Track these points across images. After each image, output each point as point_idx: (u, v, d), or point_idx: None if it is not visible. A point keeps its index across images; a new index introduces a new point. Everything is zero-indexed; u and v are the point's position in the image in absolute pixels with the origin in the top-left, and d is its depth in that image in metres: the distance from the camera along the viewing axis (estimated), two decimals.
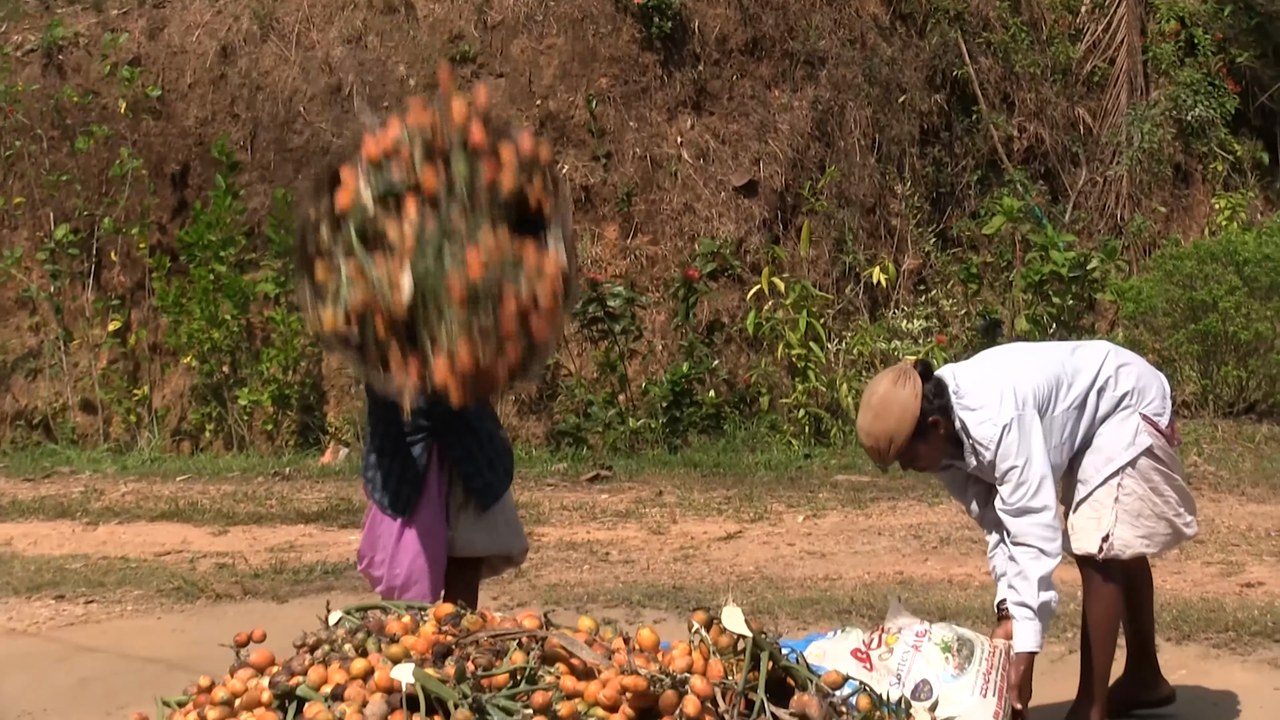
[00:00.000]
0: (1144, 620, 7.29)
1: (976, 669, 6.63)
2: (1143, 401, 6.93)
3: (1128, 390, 6.93)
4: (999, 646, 6.66)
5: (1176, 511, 6.94)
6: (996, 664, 6.65)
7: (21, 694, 8.45)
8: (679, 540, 11.28)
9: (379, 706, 5.81)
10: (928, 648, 6.65)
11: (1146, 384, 6.98)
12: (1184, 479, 7.07)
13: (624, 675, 5.81)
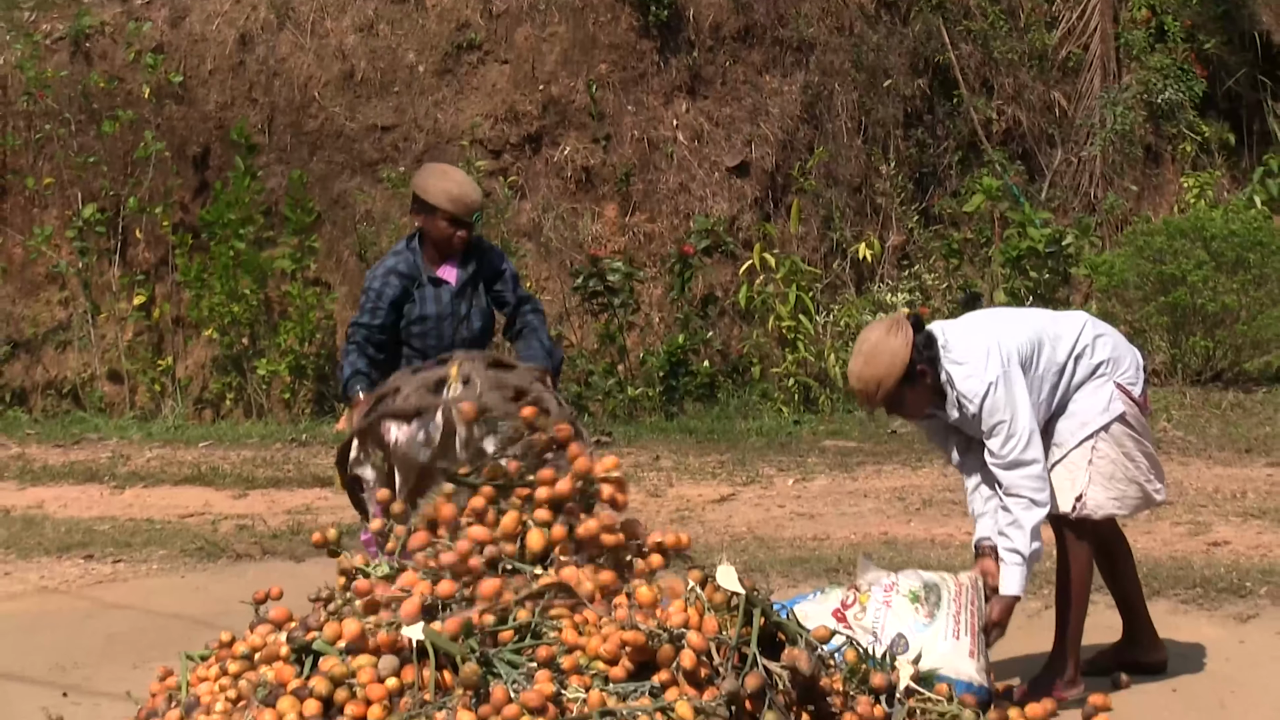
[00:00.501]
0: (1127, 584, 7.28)
1: (946, 612, 6.64)
2: (1117, 370, 6.94)
3: (1104, 359, 6.93)
4: (964, 584, 6.68)
5: (1147, 477, 6.95)
6: (964, 603, 6.66)
7: (53, 648, 8.45)
8: (675, 502, 11.28)
9: (390, 661, 5.81)
10: (897, 601, 6.65)
11: (1121, 354, 6.99)
12: (1154, 447, 7.07)
13: (624, 630, 5.81)
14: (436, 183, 7.81)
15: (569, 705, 5.60)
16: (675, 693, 5.65)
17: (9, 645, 8.54)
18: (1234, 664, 7.41)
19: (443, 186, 7.80)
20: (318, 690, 5.78)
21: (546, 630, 5.97)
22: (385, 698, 5.73)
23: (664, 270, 15.00)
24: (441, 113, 15.67)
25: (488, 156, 15.43)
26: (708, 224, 15.06)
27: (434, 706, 5.67)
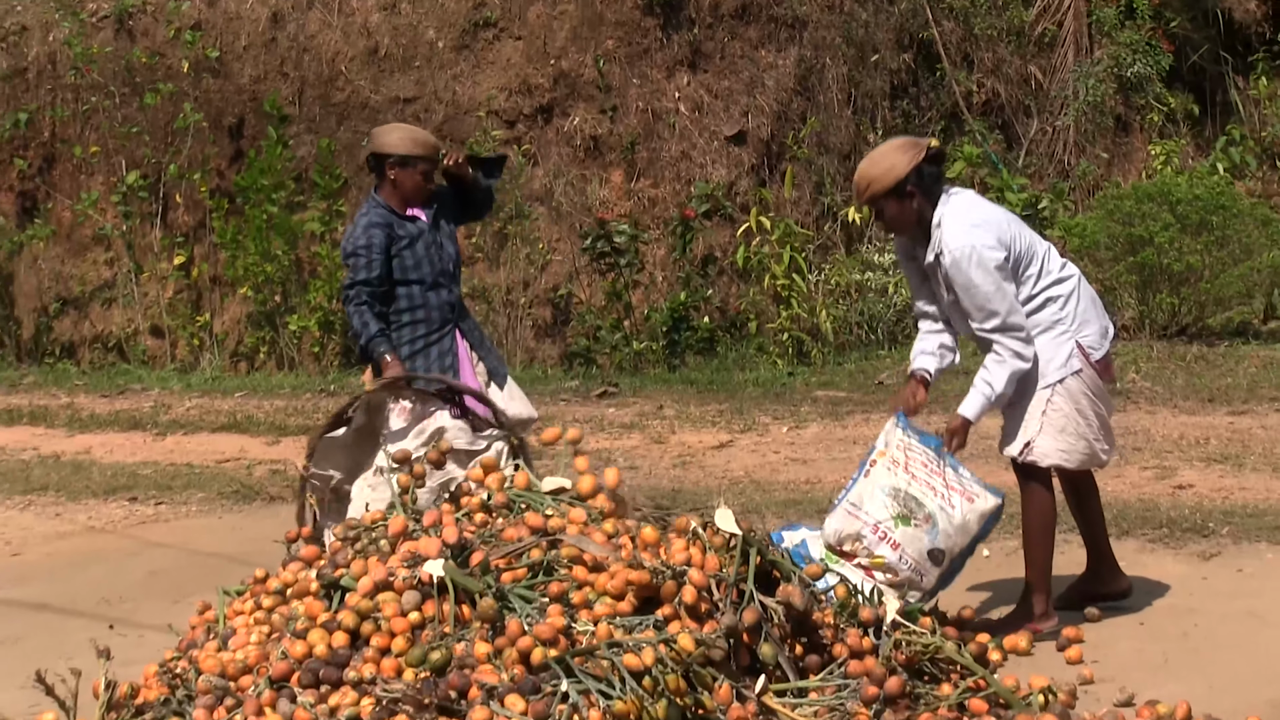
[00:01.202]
0: (1093, 523, 7.27)
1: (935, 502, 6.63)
2: (1081, 331, 6.90)
3: (1069, 315, 6.91)
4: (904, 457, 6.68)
5: (1097, 436, 6.93)
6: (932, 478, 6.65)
7: (100, 583, 8.47)
8: (677, 449, 11.27)
9: (413, 596, 5.80)
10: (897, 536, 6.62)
11: (1089, 318, 6.95)
12: (1109, 413, 7.03)
13: (629, 568, 5.81)
14: (401, 137, 7.88)
15: (579, 637, 5.60)
16: (678, 626, 5.65)
17: (60, 581, 8.56)
18: (1197, 598, 7.42)
19: (408, 138, 7.89)
20: (345, 623, 5.79)
21: (558, 568, 5.97)
22: (408, 630, 5.73)
23: (667, 232, 14.98)
24: (459, 85, 15.62)
25: (503, 126, 15.39)
26: (708, 189, 15.04)
27: (453, 638, 5.67)
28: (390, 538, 6.21)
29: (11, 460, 11.59)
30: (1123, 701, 6.11)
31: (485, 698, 5.39)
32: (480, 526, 6.28)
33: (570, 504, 6.42)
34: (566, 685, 5.36)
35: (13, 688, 6.62)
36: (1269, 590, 7.50)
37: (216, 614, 6.47)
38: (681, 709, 5.36)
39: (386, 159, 7.82)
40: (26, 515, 10.04)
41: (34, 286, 16.41)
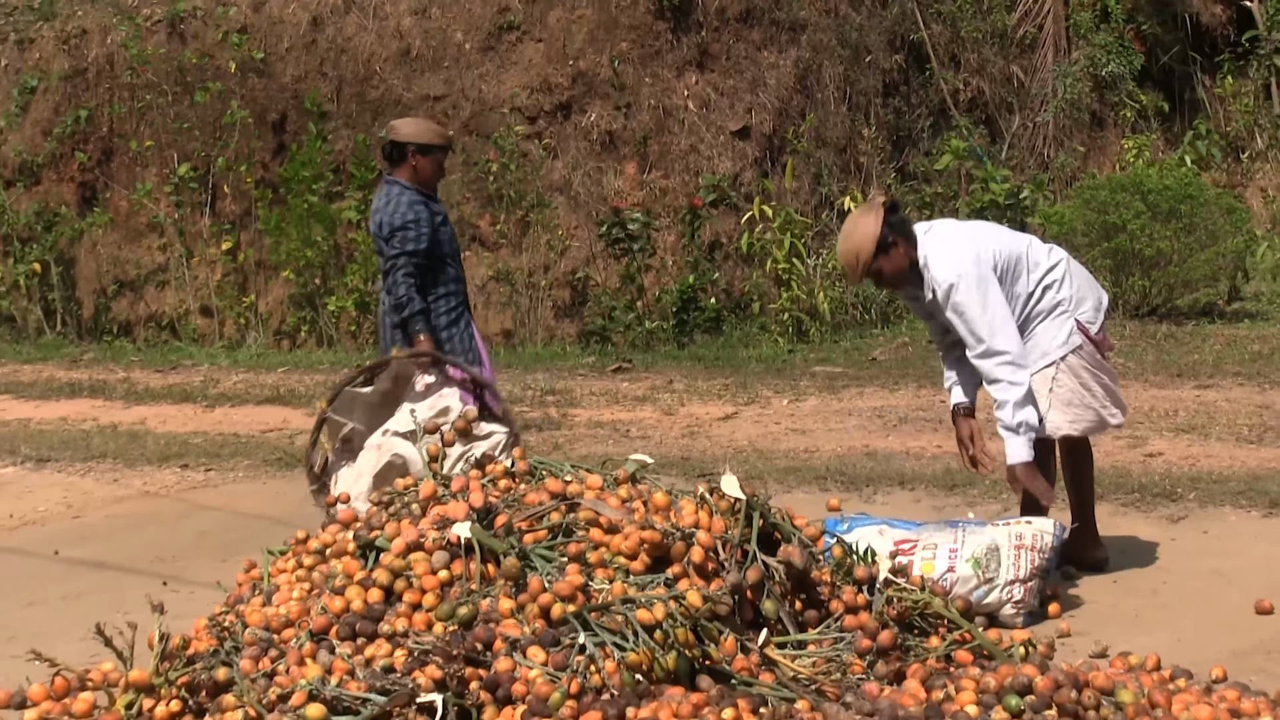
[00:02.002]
0: (1083, 491, 7.26)
1: (1004, 578, 6.56)
2: (1079, 309, 6.90)
3: (1067, 296, 6.90)
4: (1024, 544, 6.58)
5: (1103, 404, 6.93)
6: (1023, 559, 6.58)
7: (154, 543, 8.48)
8: (686, 420, 11.26)
9: (442, 556, 5.81)
10: (960, 566, 6.56)
11: (1085, 295, 6.95)
12: (1113, 380, 7.03)
13: (642, 530, 5.80)
14: (423, 128, 8.00)
15: (595, 594, 5.60)
16: (686, 583, 5.65)
17: (118, 541, 8.58)
18: (1166, 558, 7.41)
19: (428, 128, 8.01)
20: (380, 580, 5.79)
21: (576, 530, 5.97)
22: (437, 587, 5.73)
23: (677, 220, 14.97)
24: (485, 84, 15.60)
25: (525, 122, 15.37)
26: (714, 180, 15.01)
27: (479, 595, 5.68)
28: (421, 502, 6.21)
29: (73, 430, 11.60)
30: (1097, 653, 6.10)
31: (509, 649, 5.39)
32: (504, 492, 6.28)
33: (587, 471, 6.42)
34: (584, 638, 5.36)
35: (74, 639, 6.63)
36: (1232, 550, 7.49)
37: (261, 572, 6.48)
38: (690, 660, 5.36)
39: (408, 146, 7.85)
40: (87, 480, 10.05)
41: (94, 270, 16.43)
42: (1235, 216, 14.38)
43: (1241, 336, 13.07)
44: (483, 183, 15.14)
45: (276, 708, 5.30)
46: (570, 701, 5.17)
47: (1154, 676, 5.59)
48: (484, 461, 6.55)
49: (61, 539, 8.66)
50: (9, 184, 16.53)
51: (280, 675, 5.54)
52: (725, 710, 5.08)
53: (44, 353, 15.33)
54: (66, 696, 5.99)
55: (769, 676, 5.48)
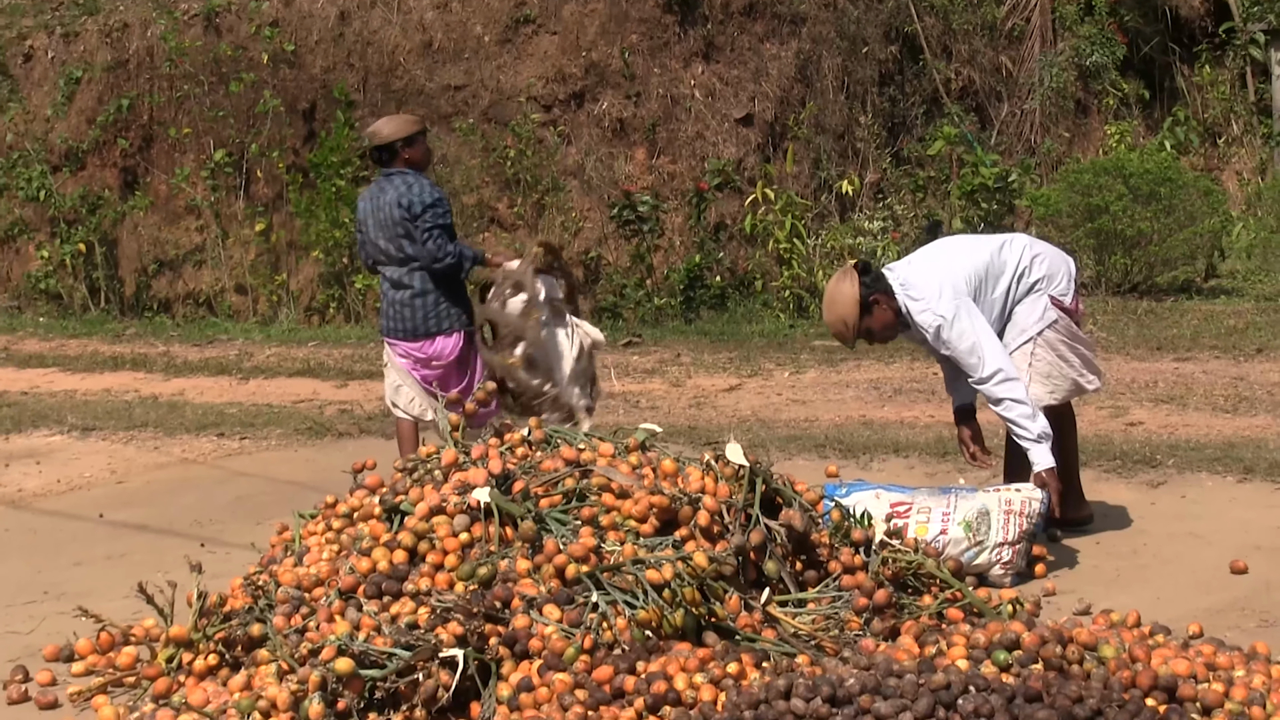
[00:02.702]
0: (1068, 453, 7.27)
1: (994, 540, 6.56)
2: (1051, 285, 6.92)
3: (1040, 276, 6.92)
4: (1012, 509, 6.58)
5: (1080, 372, 6.97)
6: (1012, 523, 6.57)
7: (192, 507, 8.50)
8: (693, 391, 11.26)
9: (463, 519, 5.81)
10: (953, 529, 6.56)
11: (1055, 270, 6.96)
12: (1088, 347, 7.04)
13: (651, 495, 5.81)
14: (399, 123, 8.02)
15: (607, 555, 5.61)
16: (693, 545, 5.66)
17: (158, 505, 8.60)
18: (1146, 521, 7.41)
19: (404, 121, 8.05)
20: (404, 542, 5.80)
21: (589, 495, 5.97)
22: (459, 549, 5.75)
23: (684, 203, 14.95)
24: (503, 74, 15.57)
25: (540, 110, 15.34)
26: (719, 165, 14.99)
27: (498, 556, 5.69)
28: (443, 468, 6.21)
29: (116, 401, 11.61)
30: (1081, 610, 6.12)
31: (526, 607, 5.40)
32: (521, 459, 6.29)
33: (600, 440, 6.42)
34: (596, 596, 5.37)
35: (118, 597, 6.65)
36: (1208, 514, 7.50)
37: (293, 534, 6.49)
38: (697, 617, 5.37)
39: (395, 144, 7.87)
40: (129, 448, 10.07)
41: (135, 250, 16.42)
42: (1212, 198, 14.36)
43: (1218, 312, 13.05)
44: (501, 167, 15.11)
45: (308, 661, 5.32)
46: (584, 656, 5.18)
47: (1134, 632, 5.60)
48: (502, 430, 6.55)
49: (106, 503, 8.68)
50: (56, 169, 16.52)
51: (311, 631, 5.56)
52: (730, 664, 5.09)
53: (89, 328, 15.34)
54: (111, 650, 6.02)
55: (771, 633, 5.49)
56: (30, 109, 16.93)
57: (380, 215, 7.87)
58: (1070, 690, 4.68)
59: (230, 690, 5.48)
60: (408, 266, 7.85)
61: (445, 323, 7.86)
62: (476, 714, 5.14)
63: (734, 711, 4.74)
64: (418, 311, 7.84)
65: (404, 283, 7.86)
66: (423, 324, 7.85)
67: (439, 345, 7.86)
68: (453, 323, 7.87)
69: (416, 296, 7.84)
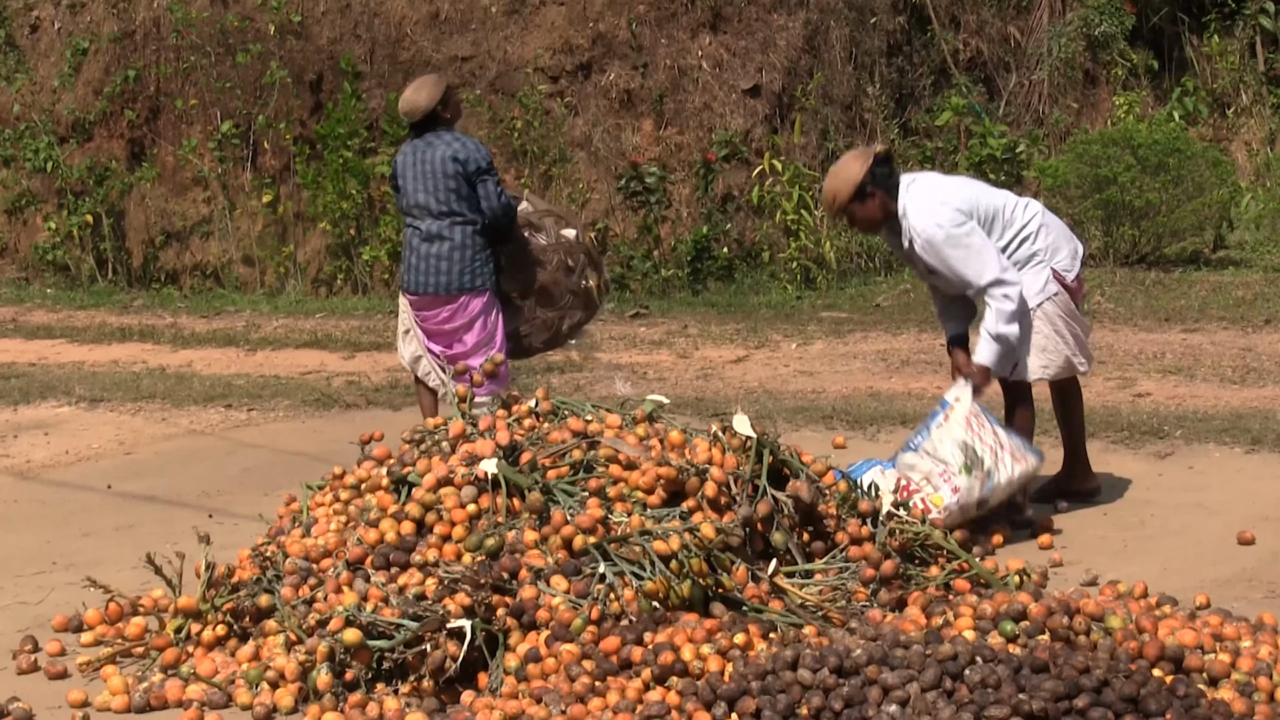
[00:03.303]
0: (1074, 427, 7.28)
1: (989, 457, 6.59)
2: (1054, 258, 6.90)
3: (1043, 247, 6.90)
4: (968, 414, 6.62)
5: (1073, 351, 6.94)
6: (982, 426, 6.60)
7: (200, 478, 8.52)
8: (700, 363, 11.26)
9: (470, 491, 5.81)
10: (958, 481, 6.57)
11: (1060, 244, 6.94)
12: (1084, 329, 7.02)
13: (659, 466, 5.81)
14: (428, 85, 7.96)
15: (614, 526, 5.62)
16: (700, 517, 5.67)
17: (167, 476, 8.62)
18: (1153, 492, 7.42)
19: (433, 82, 8.00)
20: (411, 514, 5.81)
21: (596, 466, 5.97)
22: (466, 520, 5.75)
23: (691, 174, 14.92)
24: (510, 46, 15.52)
25: (547, 81, 15.30)
26: (727, 136, 14.95)
27: (505, 527, 5.69)
28: (450, 440, 6.22)
29: (124, 372, 11.62)
30: (1088, 581, 6.12)
31: (533, 578, 5.42)
32: (528, 430, 6.29)
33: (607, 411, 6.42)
34: (604, 567, 5.38)
35: (126, 568, 6.67)
36: (1215, 485, 7.50)
37: (301, 505, 6.50)
38: (704, 588, 5.38)
39: (435, 109, 7.83)
40: (137, 419, 10.08)
41: (142, 222, 16.40)
42: (1221, 169, 14.32)
43: (1226, 283, 13.02)
44: (508, 139, 15.08)
45: (315, 632, 5.34)
46: (591, 627, 5.19)
47: (1141, 603, 5.61)
48: (510, 402, 6.56)
49: (114, 474, 8.69)
50: (63, 140, 16.48)
51: (319, 602, 5.57)
52: (737, 635, 5.10)
53: (96, 300, 15.34)
54: (120, 621, 6.04)
55: (778, 604, 5.50)
56: (37, 80, 16.90)
57: (425, 168, 7.84)
58: (1077, 661, 4.68)
59: (238, 661, 5.50)
60: (448, 220, 7.82)
61: (479, 279, 7.84)
62: (484, 685, 5.16)
63: (741, 682, 4.75)
64: (454, 265, 7.82)
65: (442, 235, 7.84)
66: (457, 279, 7.82)
67: (463, 301, 7.84)
68: (485, 281, 7.86)
69: (455, 249, 7.81)
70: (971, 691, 4.60)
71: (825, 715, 4.60)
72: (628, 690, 4.89)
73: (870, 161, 6.73)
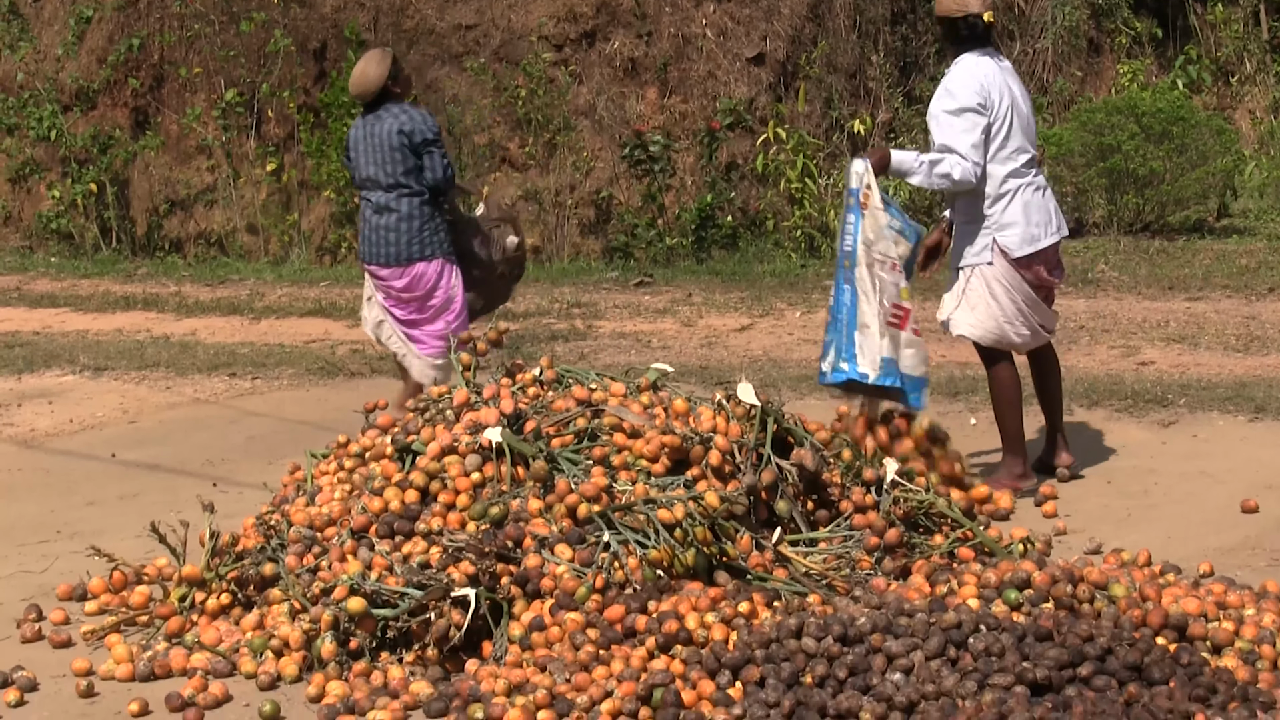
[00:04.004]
0: (1048, 398, 7.26)
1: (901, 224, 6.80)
2: (1002, 231, 6.89)
3: (994, 214, 6.90)
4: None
5: (1010, 320, 6.90)
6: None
7: (205, 447, 8.52)
8: (704, 331, 11.24)
9: (475, 459, 5.80)
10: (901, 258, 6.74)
11: (1014, 222, 6.90)
12: (1030, 305, 6.90)
13: (663, 434, 5.79)
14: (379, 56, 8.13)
15: (618, 495, 5.61)
16: (705, 485, 5.66)
17: (171, 445, 8.61)
18: (1156, 460, 7.41)
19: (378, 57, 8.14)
20: (416, 482, 5.80)
21: (600, 435, 5.96)
22: (470, 489, 5.74)
23: (695, 142, 14.88)
24: (514, 14, 15.47)
25: (551, 50, 15.25)
26: (731, 104, 14.91)
27: (509, 496, 5.68)
28: (455, 408, 6.20)
29: (128, 341, 11.61)
30: (1092, 550, 6.11)
31: (537, 547, 5.41)
32: (533, 399, 6.27)
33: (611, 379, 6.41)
34: (608, 536, 5.37)
35: (130, 537, 6.66)
36: (1219, 453, 7.49)
37: (305, 474, 6.49)
38: (708, 556, 5.37)
39: (384, 85, 7.99)
40: (141, 388, 10.07)
41: (146, 190, 16.39)
42: (1224, 137, 14.28)
43: (1230, 251, 12.99)
44: (512, 107, 15.03)
45: (320, 600, 5.34)
46: (595, 595, 5.19)
47: (1145, 571, 5.60)
48: (514, 370, 6.54)
49: (118, 443, 8.69)
50: (67, 109, 16.46)
51: (323, 571, 5.57)
52: (741, 604, 5.09)
53: (100, 268, 15.33)
54: (124, 590, 6.03)
55: (782, 572, 5.49)
56: (41, 48, 16.86)
57: (374, 141, 7.98)
58: (1081, 629, 4.68)
59: (243, 629, 5.50)
60: (396, 192, 7.95)
61: (429, 249, 7.96)
62: (488, 653, 5.15)
63: (745, 650, 4.74)
64: (402, 236, 7.94)
65: (390, 207, 7.96)
66: (405, 249, 7.94)
67: (418, 270, 7.95)
68: (435, 249, 7.98)
69: (402, 220, 7.94)
70: (975, 660, 4.60)
71: (829, 683, 4.60)
72: (632, 659, 4.88)
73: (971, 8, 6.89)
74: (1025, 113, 6.98)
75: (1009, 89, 6.90)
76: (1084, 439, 7.65)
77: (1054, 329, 7.12)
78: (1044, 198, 6.94)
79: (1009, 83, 6.94)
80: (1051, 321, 7.05)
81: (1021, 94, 7.00)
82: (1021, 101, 6.97)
